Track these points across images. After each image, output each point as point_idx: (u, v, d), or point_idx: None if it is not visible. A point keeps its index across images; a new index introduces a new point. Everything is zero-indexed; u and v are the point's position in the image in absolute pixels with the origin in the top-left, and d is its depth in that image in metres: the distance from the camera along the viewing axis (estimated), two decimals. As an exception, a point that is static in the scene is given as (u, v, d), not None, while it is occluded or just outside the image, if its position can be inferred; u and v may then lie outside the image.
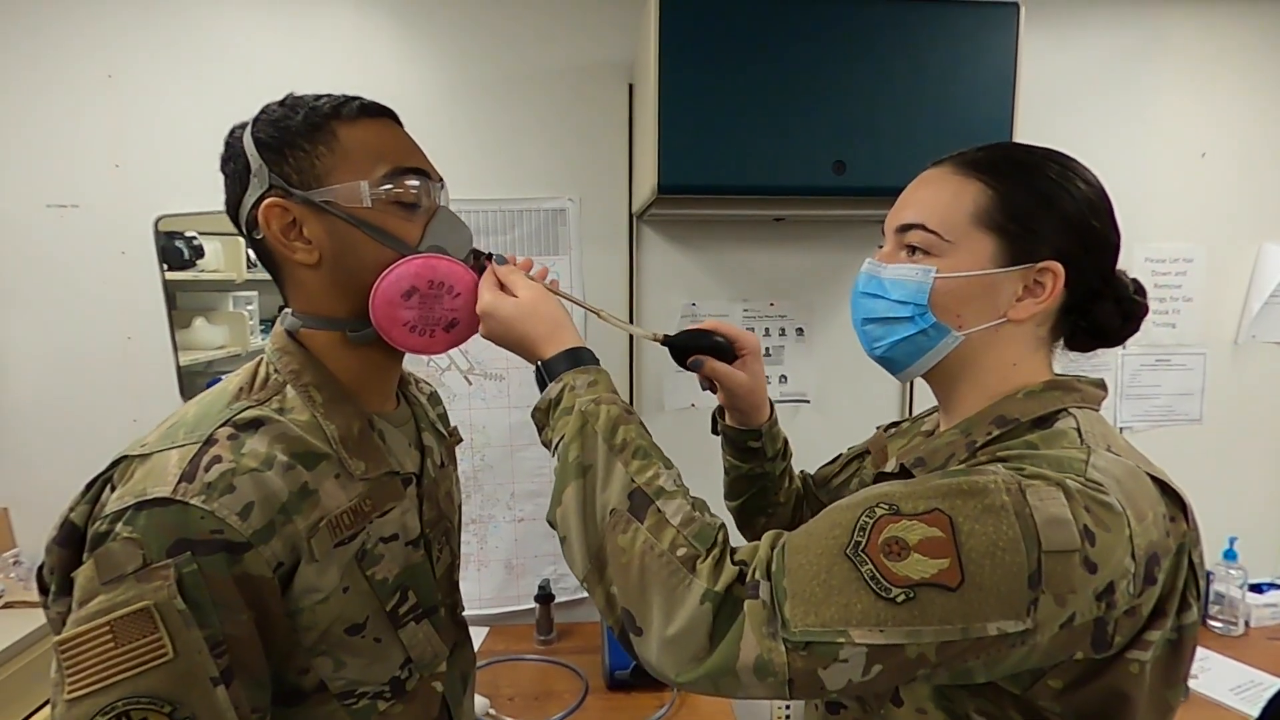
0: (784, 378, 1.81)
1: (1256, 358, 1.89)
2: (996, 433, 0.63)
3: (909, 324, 0.66)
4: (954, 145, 0.70)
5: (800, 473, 0.96)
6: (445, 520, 0.81)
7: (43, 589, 0.60)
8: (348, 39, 1.61)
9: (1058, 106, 1.73)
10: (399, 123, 0.72)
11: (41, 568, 0.60)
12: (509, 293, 0.71)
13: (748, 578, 0.55)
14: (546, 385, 0.68)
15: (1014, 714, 0.58)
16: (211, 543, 0.56)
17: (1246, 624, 1.74)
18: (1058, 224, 0.63)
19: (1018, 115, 1.36)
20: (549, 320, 0.69)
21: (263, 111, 0.68)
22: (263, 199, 0.65)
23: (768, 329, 1.78)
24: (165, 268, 1.63)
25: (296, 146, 0.65)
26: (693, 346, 0.82)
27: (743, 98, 1.30)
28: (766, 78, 1.31)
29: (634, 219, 1.71)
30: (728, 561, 0.57)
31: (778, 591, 0.54)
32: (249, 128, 0.67)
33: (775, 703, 1.69)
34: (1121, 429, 1.86)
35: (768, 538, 0.58)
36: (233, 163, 0.67)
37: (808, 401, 1.81)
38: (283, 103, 0.68)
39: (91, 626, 0.53)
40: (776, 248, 1.75)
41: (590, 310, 0.81)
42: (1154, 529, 0.55)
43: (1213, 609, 1.75)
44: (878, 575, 0.52)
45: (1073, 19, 1.74)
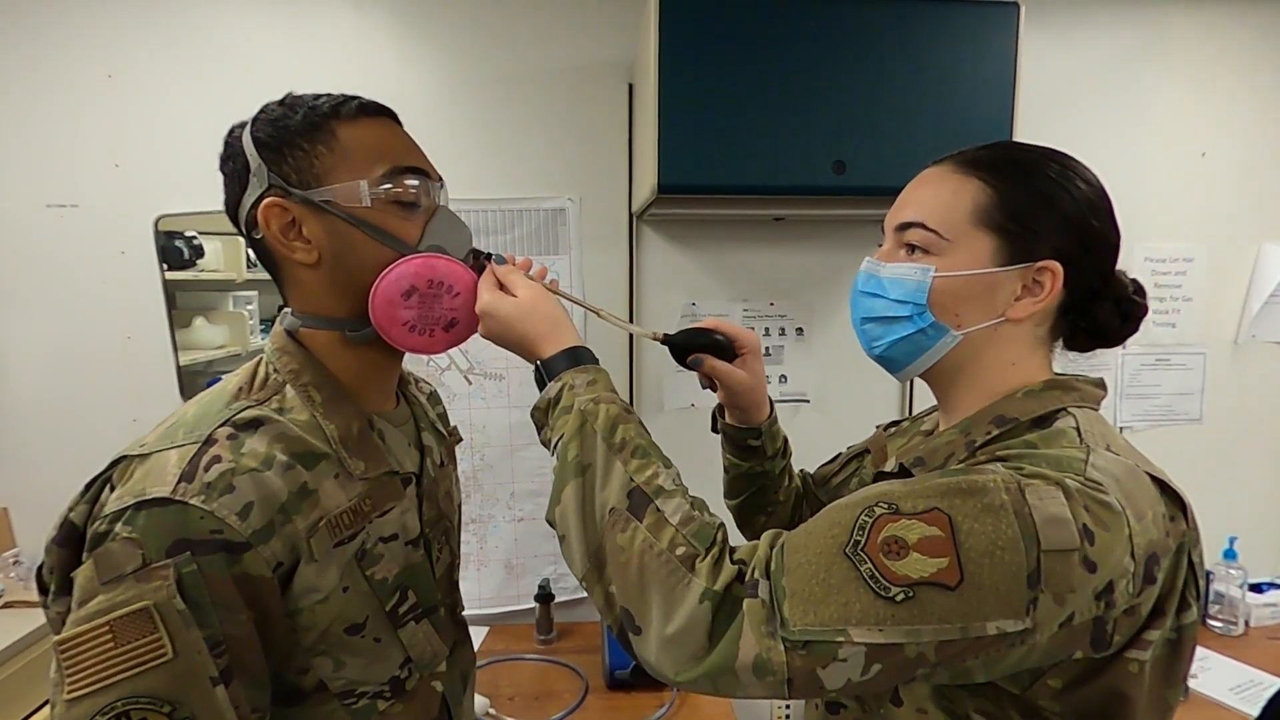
0: (784, 377, 1.81)
1: (1256, 357, 1.89)
2: (996, 432, 0.63)
3: (908, 323, 0.66)
4: (954, 145, 0.70)
5: (800, 472, 0.96)
6: (445, 520, 0.81)
7: (42, 589, 0.60)
8: (347, 39, 1.61)
9: (1058, 106, 1.73)
10: (398, 122, 0.72)
11: (41, 567, 0.60)
12: (508, 292, 0.71)
13: (747, 577, 0.55)
14: (545, 384, 0.68)
15: (1013, 713, 0.58)
16: (211, 543, 0.56)
17: (1246, 624, 1.74)
18: (1057, 223, 0.63)
19: (1018, 115, 1.36)
20: (548, 320, 0.69)
21: (262, 111, 0.68)
22: (262, 198, 0.65)
23: (767, 329, 1.78)
24: (165, 267, 1.63)
25: (296, 146, 0.65)
26: (693, 345, 0.82)
27: (742, 98, 1.30)
28: (766, 78, 1.30)
29: (634, 219, 1.71)
30: (727, 560, 0.57)
31: (777, 590, 0.54)
32: (248, 127, 0.67)
33: (775, 702, 1.69)
34: (1121, 429, 1.86)
35: (767, 537, 0.58)
36: (232, 162, 0.67)
37: (808, 401, 1.81)
38: (282, 102, 0.68)
39: (91, 626, 0.53)
40: (776, 247, 1.75)
41: (590, 310, 0.81)
42: (1153, 528, 0.55)
43: (1212, 608, 1.75)
44: (877, 574, 0.51)
45: (1073, 19, 1.74)
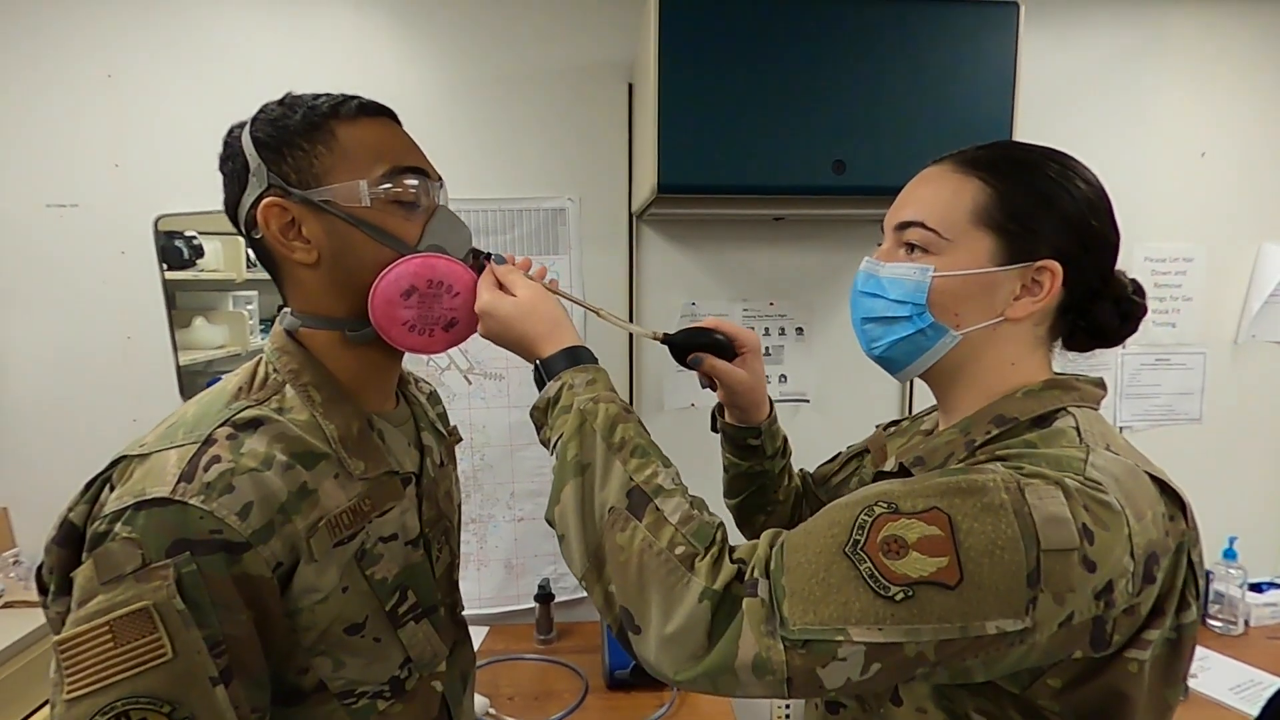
0: (784, 377, 1.81)
1: (1256, 357, 1.89)
2: (995, 432, 0.63)
3: (907, 323, 0.66)
4: (954, 145, 0.70)
5: (799, 471, 0.96)
6: (445, 520, 0.81)
7: (42, 589, 0.60)
8: (347, 39, 1.61)
9: (1058, 106, 1.73)
10: (398, 122, 0.72)
11: (41, 567, 0.60)
12: (508, 292, 0.71)
13: (746, 576, 0.55)
14: (545, 384, 0.68)
15: (1013, 713, 0.58)
16: (210, 543, 0.56)
17: (1246, 623, 1.74)
18: (1057, 223, 0.63)
19: (1018, 115, 1.36)
20: (548, 319, 0.69)
21: (261, 111, 0.68)
22: (261, 198, 0.65)
23: (767, 328, 1.78)
24: (165, 267, 1.63)
25: (295, 146, 0.65)
26: (692, 344, 0.82)
27: (742, 97, 1.30)
28: (766, 77, 1.30)
29: (634, 218, 1.70)
30: (726, 560, 0.57)
31: (776, 590, 0.54)
32: (247, 127, 0.67)
33: (775, 702, 1.69)
34: (1121, 428, 1.86)
35: (766, 536, 0.58)
36: (231, 162, 0.67)
37: (807, 401, 1.81)
38: (281, 102, 0.68)
39: (91, 626, 0.53)
40: (776, 247, 1.75)
41: (590, 309, 0.81)
42: (1153, 528, 0.55)
43: (1212, 608, 1.75)
44: (876, 574, 0.51)
45: (1073, 19, 1.73)
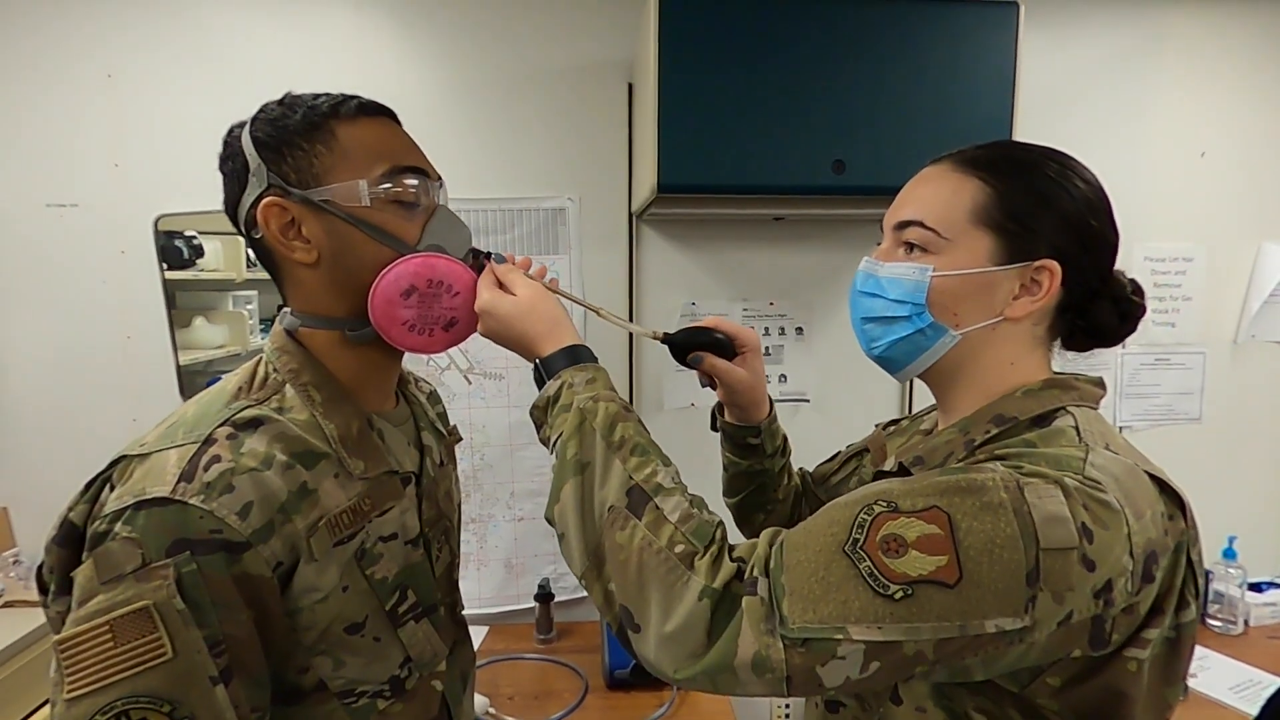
0: (784, 377, 1.81)
1: (1256, 357, 1.89)
2: (995, 431, 0.63)
3: (906, 323, 0.66)
4: (954, 144, 0.70)
5: (799, 470, 0.96)
6: (445, 519, 0.81)
7: (42, 588, 0.60)
8: (347, 38, 1.61)
9: (1057, 106, 1.73)
10: (397, 121, 0.72)
11: (41, 567, 0.60)
12: (508, 291, 0.71)
13: (746, 574, 0.55)
14: (545, 383, 0.68)
15: (1013, 712, 0.58)
16: (210, 542, 0.56)
17: (1246, 623, 1.74)
18: (1056, 222, 0.63)
19: (1017, 114, 1.36)
20: (547, 318, 0.69)
21: (261, 110, 0.68)
22: (261, 198, 0.65)
23: (767, 328, 1.78)
24: (165, 267, 1.63)
25: (295, 146, 0.65)
26: (692, 343, 0.82)
27: (742, 97, 1.30)
28: (766, 77, 1.31)
29: (634, 218, 1.71)
30: (726, 558, 0.57)
31: (776, 588, 0.54)
32: (247, 127, 0.67)
33: (775, 701, 1.69)
34: (1121, 428, 1.86)
35: (766, 535, 0.59)
36: (231, 162, 0.67)
37: (807, 401, 1.81)
38: (281, 102, 0.68)
39: (91, 626, 0.53)
40: (776, 247, 1.75)
41: (589, 309, 0.81)
42: (1152, 527, 0.55)
43: (1212, 608, 1.75)
44: (876, 572, 0.52)
45: (1072, 19, 1.74)
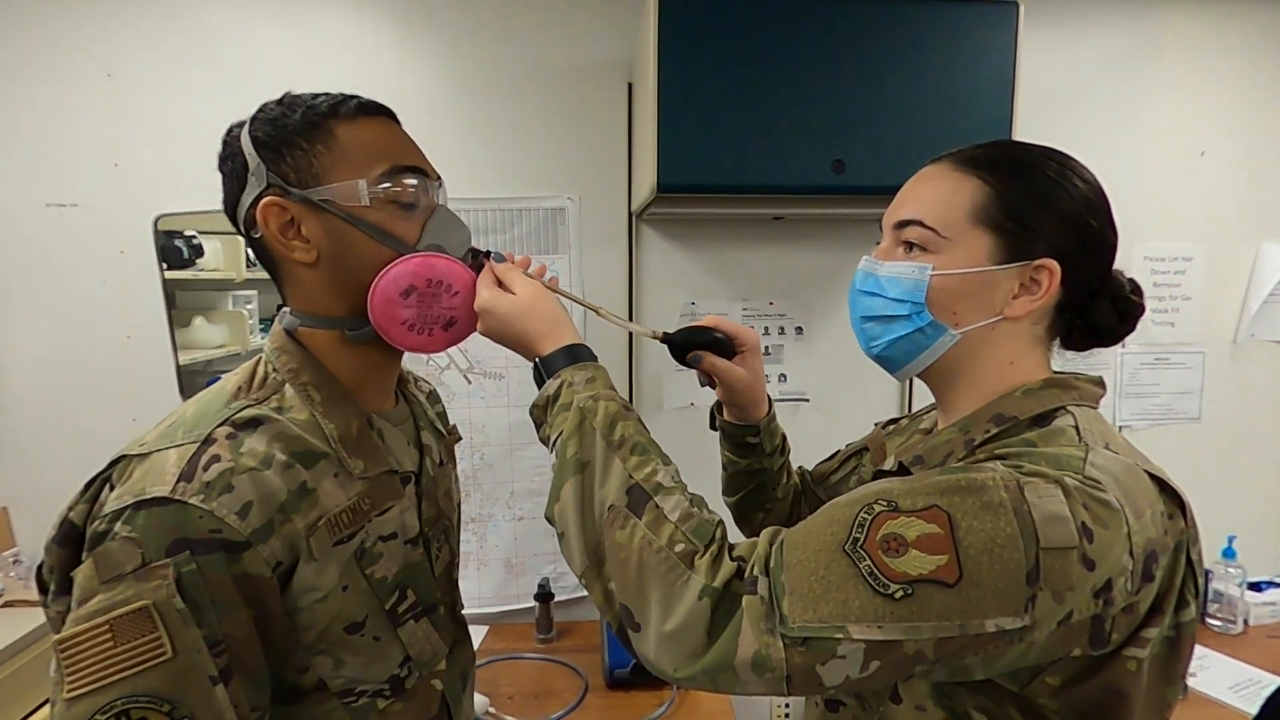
0: (783, 376, 1.81)
1: (1255, 356, 1.89)
2: (995, 430, 0.63)
3: (906, 322, 0.66)
4: (953, 144, 0.70)
5: (798, 469, 0.96)
6: (444, 519, 0.81)
7: (42, 588, 0.60)
8: (347, 38, 1.61)
9: (1057, 105, 1.73)
10: (397, 121, 0.72)
11: (41, 566, 0.60)
12: (507, 290, 0.71)
13: (746, 574, 0.55)
14: (544, 382, 0.68)
15: (1012, 711, 0.58)
16: (210, 542, 0.56)
17: (1245, 622, 1.74)
18: (1055, 222, 0.63)
19: (1017, 114, 1.36)
20: (547, 317, 0.69)
21: (260, 110, 0.68)
22: (260, 198, 0.65)
23: (767, 328, 1.78)
24: (165, 267, 1.63)
25: (294, 145, 0.65)
26: (692, 342, 0.82)
27: (742, 97, 1.30)
28: (766, 77, 1.30)
29: (633, 218, 1.71)
30: (726, 557, 0.57)
31: (776, 587, 0.54)
32: (246, 126, 0.67)
33: (775, 700, 1.69)
34: (1120, 427, 1.86)
35: (766, 534, 0.59)
36: (230, 161, 0.67)
37: (807, 400, 1.81)
38: (280, 101, 0.68)
39: (90, 625, 0.53)
40: (776, 246, 1.75)
41: (589, 308, 0.81)
42: (1152, 526, 0.55)
43: (1211, 607, 1.75)
44: (876, 571, 0.52)
45: (1072, 18, 1.74)
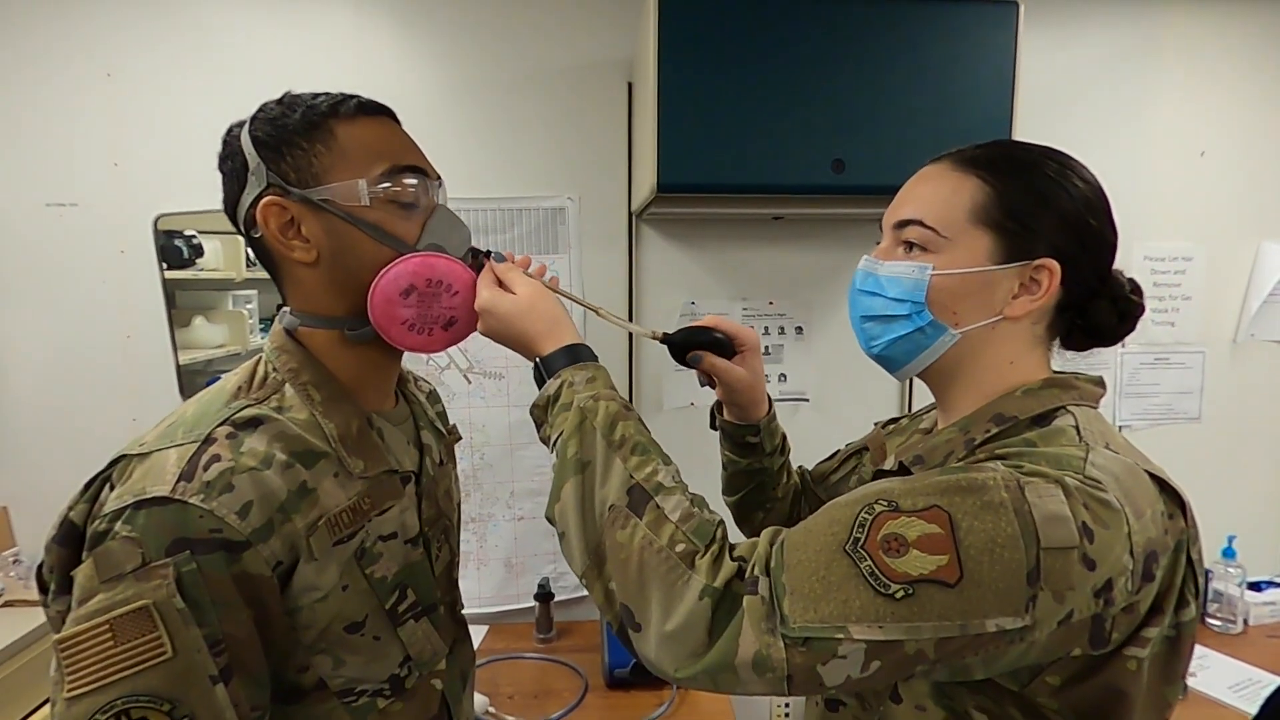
0: (783, 376, 1.81)
1: (1255, 356, 1.89)
2: (995, 430, 0.63)
3: (906, 322, 0.66)
4: (953, 144, 0.70)
5: (798, 469, 0.96)
6: (444, 518, 0.81)
7: (42, 588, 0.60)
8: (347, 38, 1.61)
9: (1057, 105, 1.73)
10: (397, 121, 0.72)
11: (41, 566, 0.60)
12: (507, 289, 0.71)
13: (747, 574, 0.55)
14: (545, 382, 0.68)
15: (1012, 710, 0.58)
16: (210, 541, 0.56)
17: (1245, 622, 1.74)
18: (1055, 222, 0.63)
19: (1017, 114, 1.36)
20: (547, 317, 0.69)
21: (260, 110, 0.67)
22: (260, 197, 0.65)
23: (767, 327, 1.78)
24: (164, 266, 1.63)
25: (294, 145, 0.65)
26: (692, 342, 0.82)
27: (742, 96, 1.30)
28: (766, 76, 1.30)
29: (633, 217, 1.70)
30: (726, 557, 0.57)
31: (777, 587, 0.54)
32: (246, 126, 0.67)
33: (775, 700, 1.69)
34: (1120, 427, 1.86)
35: (767, 534, 0.59)
36: (230, 161, 0.67)
37: (807, 400, 1.81)
38: (280, 101, 0.68)
39: (91, 625, 0.53)
40: (776, 246, 1.75)
41: (589, 308, 0.81)
42: (1152, 526, 0.55)
43: (1211, 607, 1.75)
44: (877, 572, 0.52)
45: (1072, 18, 1.73)
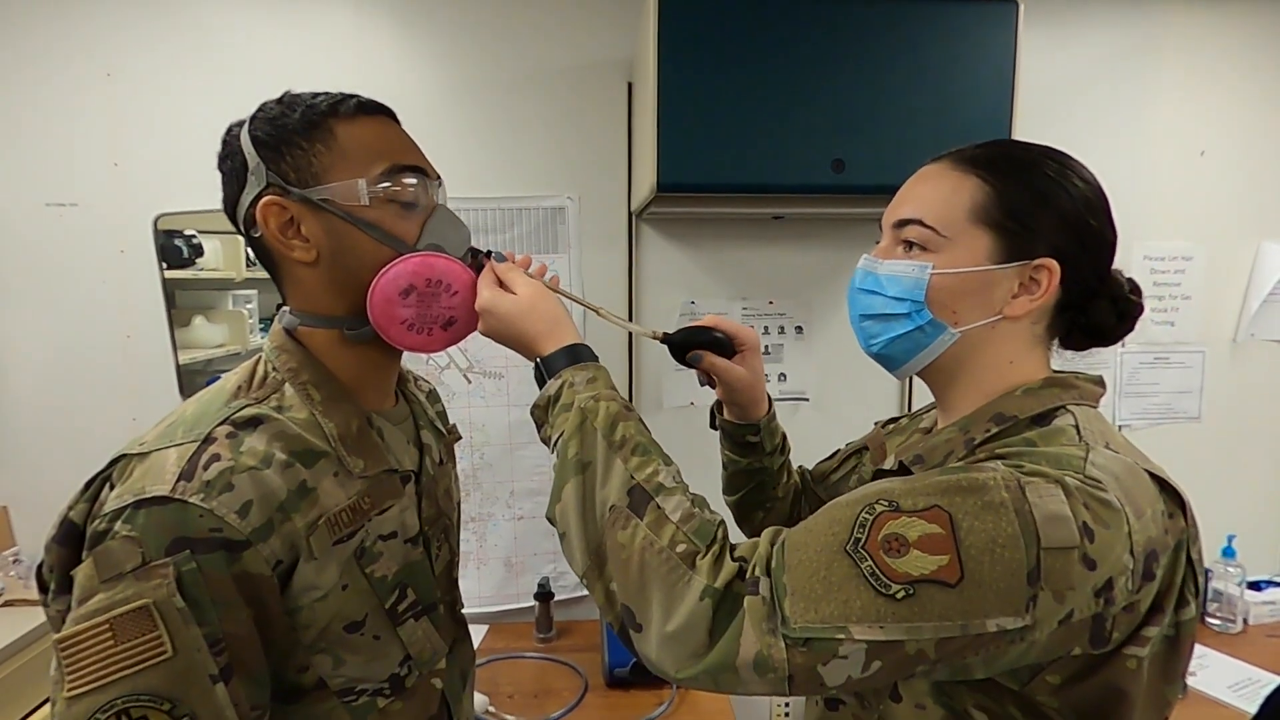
0: (783, 376, 1.81)
1: (1255, 356, 1.89)
2: (995, 430, 0.63)
3: (906, 320, 0.66)
4: (953, 143, 0.70)
5: (798, 468, 0.96)
6: (444, 518, 0.81)
7: (42, 587, 0.60)
8: (347, 38, 1.60)
9: (1057, 105, 1.73)
10: (397, 120, 0.72)
11: (41, 566, 0.60)
12: (508, 289, 0.71)
13: (747, 574, 0.55)
14: (545, 382, 0.68)
15: (1013, 709, 0.58)
16: (210, 541, 0.56)
17: (1245, 621, 1.74)
18: (1054, 221, 0.63)
19: (1017, 113, 1.36)
20: (548, 317, 0.69)
21: (260, 109, 0.67)
22: (260, 197, 0.65)
23: (767, 327, 1.78)
24: (164, 266, 1.63)
25: (294, 144, 0.65)
26: (691, 342, 0.82)
27: (742, 96, 1.30)
28: (765, 76, 1.30)
29: (633, 217, 1.70)
30: (727, 558, 0.57)
31: (777, 588, 0.54)
32: (246, 126, 0.67)
33: (774, 699, 1.70)
34: (1120, 427, 1.86)
35: (767, 534, 0.59)
36: (230, 161, 0.67)
37: (807, 399, 1.81)
38: (280, 100, 0.68)
39: (91, 624, 0.53)
40: (775, 246, 1.75)
41: (589, 308, 0.81)
42: (1152, 526, 0.55)
43: (1211, 606, 1.75)
44: (877, 572, 0.52)
45: (1072, 18, 1.73)
